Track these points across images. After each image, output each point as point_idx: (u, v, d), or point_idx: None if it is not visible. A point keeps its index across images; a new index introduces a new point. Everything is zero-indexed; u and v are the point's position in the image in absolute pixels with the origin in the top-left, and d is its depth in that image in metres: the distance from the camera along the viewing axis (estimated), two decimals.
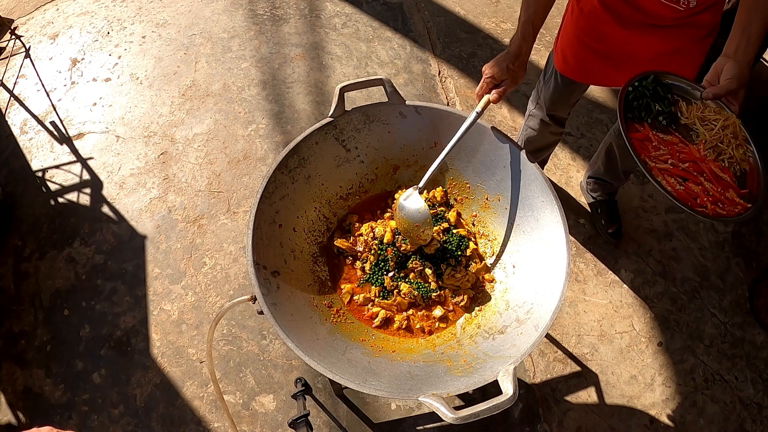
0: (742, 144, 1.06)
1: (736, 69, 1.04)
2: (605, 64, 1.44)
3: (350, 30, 2.69)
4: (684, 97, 1.12)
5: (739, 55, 1.04)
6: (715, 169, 1.03)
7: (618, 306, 1.93)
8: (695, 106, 1.10)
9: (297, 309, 1.16)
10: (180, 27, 2.68)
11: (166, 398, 1.72)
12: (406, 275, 1.31)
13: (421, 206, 1.21)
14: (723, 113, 1.08)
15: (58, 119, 2.36)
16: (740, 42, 1.05)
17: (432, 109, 1.31)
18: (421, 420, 1.67)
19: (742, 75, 1.05)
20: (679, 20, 1.26)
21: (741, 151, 1.05)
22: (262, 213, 1.17)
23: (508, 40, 2.68)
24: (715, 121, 1.08)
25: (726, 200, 1.00)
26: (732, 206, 0.99)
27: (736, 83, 1.05)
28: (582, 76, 1.52)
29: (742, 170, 1.05)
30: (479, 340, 1.17)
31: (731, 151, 1.05)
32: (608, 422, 1.71)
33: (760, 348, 1.88)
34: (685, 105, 1.11)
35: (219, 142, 2.28)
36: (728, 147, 1.05)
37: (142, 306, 1.89)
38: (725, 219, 0.98)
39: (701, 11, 1.24)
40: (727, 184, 1.02)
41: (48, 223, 2.07)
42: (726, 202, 0.99)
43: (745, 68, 1.05)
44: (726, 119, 1.07)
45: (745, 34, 1.04)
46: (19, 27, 2.72)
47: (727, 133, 1.06)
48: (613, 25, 1.34)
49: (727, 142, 1.06)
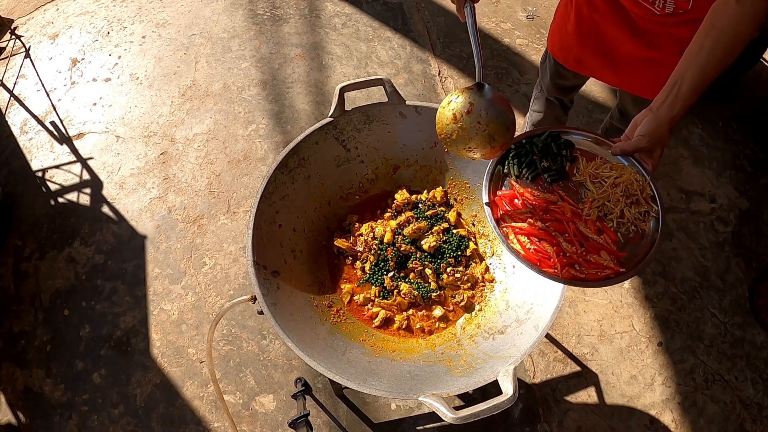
0: (643, 203, 1.00)
1: (652, 125, 0.96)
2: (593, 55, 1.45)
3: (350, 30, 2.69)
4: (591, 152, 1.06)
5: (662, 110, 0.96)
6: (586, 230, 0.98)
7: (618, 306, 1.93)
8: (594, 162, 1.05)
9: (297, 309, 1.16)
10: (180, 27, 2.68)
11: (166, 398, 1.72)
12: (406, 275, 1.31)
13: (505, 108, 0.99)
14: (620, 170, 1.02)
15: (58, 119, 2.36)
16: (668, 95, 0.96)
17: (432, 109, 1.31)
18: (421, 420, 1.67)
19: (657, 133, 0.96)
20: (656, 24, 1.25)
21: (634, 211, 0.99)
22: (262, 213, 1.17)
23: (509, 40, 2.68)
24: (607, 178, 1.02)
25: (587, 263, 0.94)
26: (597, 269, 0.93)
27: (646, 141, 0.97)
28: (572, 64, 1.53)
29: (641, 230, 0.99)
30: (479, 340, 1.17)
31: (619, 211, 0.99)
32: (608, 422, 1.71)
33: (760, 348, 1.88)
34: (584, 161, 1.06)
35: (219, 142, 2.28)
36: (616, 206, 1.00)
37: (142, 306, 1.89)
38: (575, 282, 0.92)
39: (678, 24, 1.22)
40: (599, 246, 0.96)
41: (48, 223, 2.07)
42: (587, 265, 0.94)
43: (663, 125, 0.96)
44: (618, 177, 1.01)
45: (675, 87, 0.95)
46: (19, 27, 2.72)
47: (617, 191, 1.00)
48: (599, 19, 1.36)
49: (615, 200, 1.00)
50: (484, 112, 0.95)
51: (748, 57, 2.30)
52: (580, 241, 0.97)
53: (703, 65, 0.94)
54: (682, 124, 2.37)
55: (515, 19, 2.77)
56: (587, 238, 0.97)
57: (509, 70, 2.56)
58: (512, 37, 2.69)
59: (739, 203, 2.19)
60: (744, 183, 2.24)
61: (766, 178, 2.26)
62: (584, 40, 1.42)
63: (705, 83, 0.95)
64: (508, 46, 2.65)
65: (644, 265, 0.94)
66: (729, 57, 0.94)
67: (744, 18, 0.91)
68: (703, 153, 2.31)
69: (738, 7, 0.92)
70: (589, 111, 2.42)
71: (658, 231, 0.97)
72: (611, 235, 0.99)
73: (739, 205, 2.18)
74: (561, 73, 1.62)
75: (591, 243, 0.97)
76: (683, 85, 0.95)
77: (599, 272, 0.93)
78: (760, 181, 2.25)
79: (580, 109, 2.42)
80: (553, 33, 1.54)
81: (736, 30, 0.92)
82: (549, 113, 1.78)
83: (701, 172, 2.25)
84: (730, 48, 0.93)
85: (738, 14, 0.92)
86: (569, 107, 1.81)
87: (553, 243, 0.96)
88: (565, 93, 1.73)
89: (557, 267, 0.93)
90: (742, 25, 0.92)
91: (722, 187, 2.22)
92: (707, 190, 2.21)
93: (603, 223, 1.00)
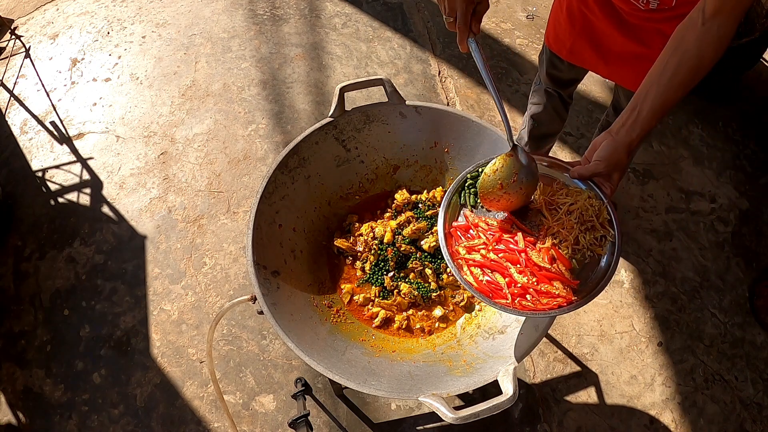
0: (598, 228, 1.00)
1: (609, 149, 0.95)
2: (585, 47, 1.46)
3: (350, 30, 2.69)
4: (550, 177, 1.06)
5: (621, 134, 0.94)
6: (539, 259, 0.99)
7: (618, 306, 1.93)
8: (551, 188, 1.05)
9: (297, 309, 1.16)
10: (180, 27, 2.68)
11: (166, 398, 1.72)
12: (406, 275, 1.31)
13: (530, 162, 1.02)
14: (575, 196, 1.02)
15: (58, 119, 2.36)
16: (627, 118, 0.94)
17: (432, 109, 1.31)
18: (421, 420, 1.67)
19: (614, 157, 0.95)
20: (643, 20, 1.26)
21: (590, 237, 0.99)
22: (262, 213, 1.17)
23: (509, 40, 2.68)
24: (562, 205, 1.02)
25: (540, 292, 0.94)
26: (550, 299, 0.94)
27: (603, 166, 0.95)
28: (566, 55, 1.54)
29: (598, 256, 0.99)
30: (479, 340, 1.17)
31: (573, 238, 0.99)
32: (608, 422, 1.71)
33: (760, 348, 1.88)
34: (541, 187, 1.05)
35: (219, 142, 2.28)
36: (570, 233, 1.00)
37: (142, 306, 1.89)
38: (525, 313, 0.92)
39: (665, 20, 1.22)
40: (551, 275, 0.96)
41: (48, 223, 2.07)
42: (539, 294, 0.94)
43: (620, 150, 0.94)
44: (572, 204, 1.01)
45: (636, 110, 0.93)
46: (19, 27, 2.72)
47: (571, 218, 1.00)
48: (588, 14, 1.37)
49: (569, 228, 1.00)
50: (525, 178, 1.00)
51: (748, 57, 2.30)
52: (532, 271, 0.98)
53: (665, 88, 0.92)
54: (681, 124, 2.37)
55: (515, 19, 2.77)
56: (540, 268, 0.98)
57: (509, 70, 2.56)
58: (512, 37, 2.69)
59: (739, 203, 2.19)
60: (744, 183, 2.24)
61: (766, 178, 2.26)
62: (576, 32, 1.44)
63: (666, 106, 0.93)
64: (508, 46, 2.65)
65: (598, 291, 0.95)
66: (692, 80, 0.92)
67: (709, 41, 0.90)
68: (703, 153, 2.31)
69: (704, 30, 0.90)
70: (589, 111, 2.42)
71: (614, 255, 0.97)
72: (565, 262, 0.99)
73: (739, 205, 2.18)
74: (556, 64, 1.63)
75: (543, 273, 0.98)
76: (643, 109, 0.93)
77: (551, 301, 0.94)
78: (760, 181, 2.25)
79: (580, 109, 2.42)
80: (549, 24, 1.56)
81: (701, 53, 0.90)
82: (548, 106, 1.78)
83: (701, 172, 2.25)
84: (693, 71, 0.91)
85: (704, 37, 0.90)
86: (569, 103, 1.81)
87: (505, 274, 0.97)
88: (561, 86, 1.73)
89: (508, 298, 0.94)
90: (706, 48, 0.90)
91: (722, 187, 2.22)
92: (707, 190, 2.21)
93: (558, 251, 1.00)
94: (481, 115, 2.40)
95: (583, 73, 1.66)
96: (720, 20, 0.89)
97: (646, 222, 2.12)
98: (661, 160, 2.28)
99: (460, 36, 0.95)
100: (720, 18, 0.89)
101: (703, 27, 0.90)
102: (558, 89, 1.74)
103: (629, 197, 2.18)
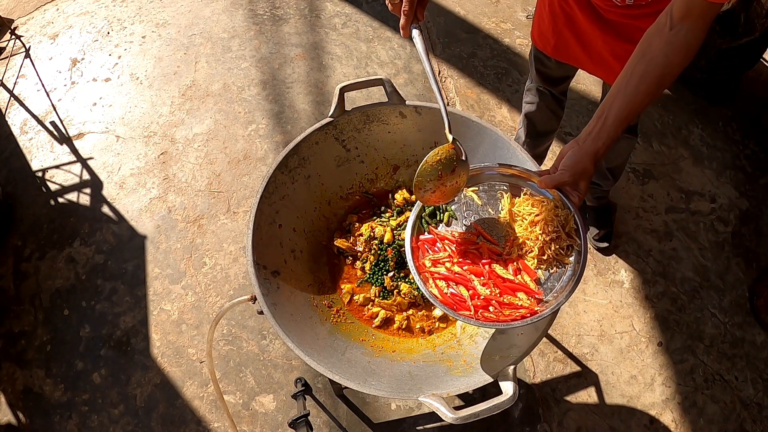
0: (564, 238, 1.00)
1: (575, 159, 0.95)
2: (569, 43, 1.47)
3: (350, 30, 2.69)
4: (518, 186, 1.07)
5: (587, 143, 0.94)
6: (503, 271, 1.00)
7: (618, 306, 1.93)
8: (519, 199, 1.05)
9: (297, 309, 1.16)
10: (180, 27, 2.68)
11: (166, 398, 1.72)
12: (406, 275, 1.31)
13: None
14: (541, 207, 1.02)
15: (58, 119, 2.36)
16: (594, 127, 0.94)
17: (432, 109, 1.31)
18: (421, 420, 1.67)
19: (579, 166, 0.94)
20: (621, 16, 1.26)
21: (555, 247, 1.00)
22: (262, 213, 1.17)
23: (509, 40, 2.68)
24: (528, 216, 1.03)
25: (503, 304, 0.96)
26: (513, 310, 0.95)
27: (569, 176, 0.95)
28: (551, 51, 1.54)
29: (564, 264, 1.00)
30: (479, 340, 1.17)
31: (537, 249, 1.00)
32: (608, 422, 1.71)
33: (760, 348, 1.88)
34: (508, 198, 1.07)
35: (219, 142, 2.28)
36: (535, 243, 1.01)
37: (142, 306, 1.89)
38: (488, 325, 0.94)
39: (642, 16, 1.22)
40: (515, 287, 0.98)
41: (48, 223, 2.07)
42: (502, 306, 0.96)
43: (585, 159, 0.93)
44: (537, 214, 1.02)
45: (602, 118, 0.93)
46: (19, 27, 2.72)
47: (536, 229, 1.01)
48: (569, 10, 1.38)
49: (534, 238, 1.01)
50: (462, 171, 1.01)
51: (748, 57, 2.30)
52: (495, 283, 0.99)
53: (630, 97, 0.91)
54: (681, 124, 2.37)
55: (515, 19, 2.77)
56: (504, 280, 0.99)
57: (509, 70, 2.56)
58: (512, 37, 2.69)
59: (739, 203, 2.19)
60: (744, 183, 2.24)
61: (766, 178, 2.26)
62: (559, 29, 1.45)
63: (632, 114, 0.92)
64: (508, 46, 2.65)
65: (564, 300, 0.95)
66: (657, 88, 0.92)
67: (678, 46, 0.89)
68: (703, 153, 2.31)
69: (671, 36, 0.89)
70: (589, 111, 2.42)
71: (581, 264, 0.98)
72: (531, 273, 1.00)
73: (739, 205, 2.18)
74: (543, 61, 1.63)
75: (507, 284, 0.99)
76: (609, 117, 0.93)
77: (513, 313, 0.95)
78: (760, 181, 2.25)
79: (580, 108, 2.42)
80: (534, 22, 1.57)
81: (668, 60, 0.90)
82: (541, 104, 1.78)
83: (701, 172, 2.25)
84: (660, 78, 0.91)
85: (671, 43, 0.89)
86: (563, 100, 1.81)
87: (468, 287, 0.99)
88: (552, 84, 1.73)
89: (471, 310, 0.95)
90: (674, 53, 0.89)
91: (722, 187, 2.22)
92: (707, 190, 2.21)
93: (523, 262, 1.01)
94: (481, 115, 2.40)
95: (573, 70, 1.66)
96: (688, 25, 0.88)
97: (646, 222, 2.12)
98: (661, 160, 2.28)
99: (404, 21, 0.96)
100: (688, 22, 0.88)
101: (671, 32, 0.89)
102: (549, 87, 1.74)
103: (629, 197, 2.18)
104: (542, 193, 1.05)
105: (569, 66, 1.60)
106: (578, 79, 2.50)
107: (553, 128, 1.90)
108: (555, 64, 1.61)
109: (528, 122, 1.87)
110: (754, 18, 2.15)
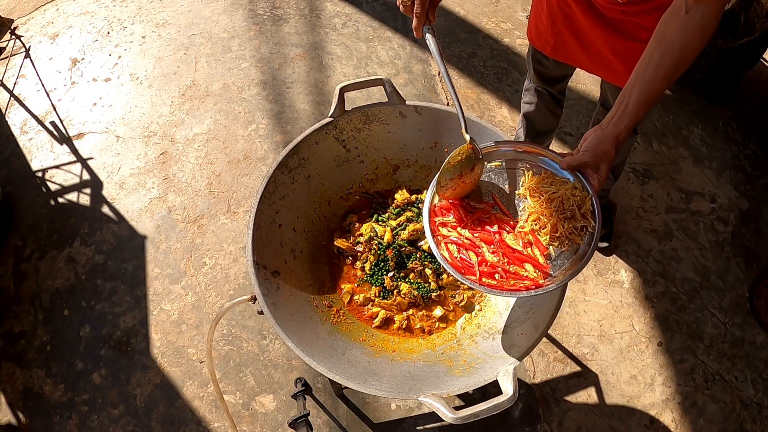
0: (579, 218, 1.02)
1: (596, 140, 0.98)
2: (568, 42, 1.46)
3: (350, 30, 2.69)
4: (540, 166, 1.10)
5: (610, 127, 0.97)
6: (512, 242, 1.03)
7: (618, 306, 1.93)
8: (539, 177, 1.08)
9: (297, 309, 1.16)
10: (180, 27, 2.68)
11: (166, 398, 1.72)
12: (406, 275, 1.31)
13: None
14: (559, 185, 1.05)
15: (58, 119, 2.36)
16: (616, 111, 0.97)
17: (432, 109, 1.31)
18: (421, 420, 1.67)
19: (600, 148, 0.97)
20: (621, 13, 1.26)
21: (569, 226, 1.01)
22: (262, 213, 1.17)
23: (509, 40, 2.68)
24: (546, 192, 1.06)
25: (509, 274, 0.99)
26: (518, 280, 0.98)
27: (590, 156, 0.99)
28: (549, 51, 1.54)
29: (576, 245, 1.02)
30: (479, 340, 1.17)
31: (551, 225, 1.02)
32: (608, 422, 1.71)
33: (760, 348, 1.88)
34: (528, 175, 1.09)
35: (219, 142, 2.28)
36: (549, 220, 1.03)
37: (142, 306, 1.89)
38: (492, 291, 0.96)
39: (642, 12, 1.22)
40: (523, 258, 1.00)
41: (48, 223, 2.07)
42: (508, 275, 0.98)
43: (607, 142, 0.97)
44: (555, 192, 1.04)
45: (623, 103, 0.96)
46: (19, 27, 2.72)
47: (552, 206, 1.03)
48: (567, 8, 1.37)
49: (549, 214, 1.03)
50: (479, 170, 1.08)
51: (748, 57, 2.30)
52: (504, 253, 1.02)
53: (650, 79, 0.93)
54: (681, 124, 2.37)
55: (515, 19, 2.77)
56: (513, 250, 1.02)
57: (509, 70, 2.56)
58: (512, 37, 2.69)
59: (739, 203, 2.19)
60: (744, 183, 2.24)
61: (766, 178, 2.26)
62: (557, 28, 1.44)
63: (652, 98, 0.94)
64: (508, 46, 2.65)
65: (569, 278, 0.96)
66: (677, 71, 0.93)
67: (693, 30, 0.90)
68: (703, 153, 2.31)
69: (687, 19, 0.91)
70: (588, 111, 2.42)
71: (591, 246, 0.99)
72: (541, 248, 1.02)
73: (739, 205, 2.18)
74: (541, 61, 1.63)
75: (516, 255, 1.01)
76: (630, 102, 0.95)
77: (518, 283, 0.97)
78: (760, 181, 2.25)
79: (580, 108, 2.42)
80: (531, 21, 1.56)
81: (684, 43, 0.91)
82: (540, 104, 1.78)
83: (701, 172, 2.25)
84: (677, 61, 0.92)
85: (687, 26, 0.91)
86: (561, 100, 1.80)
87: (477, 253, 1.02)
88: (550, 83, 1.73)
89: (476, 275, 0.98)
90: (690, 37, 0.91)
91: (722, 187, 2.22)
92: (707, 190, 2.21)
93: (535, 235, 1.03)
94: (481, 115, 2.40)
95: (571, 69, 1.66)
96: (703, 8, 0.90)
97: (646, 222, 2.12)
98: (661, 160, 2.28)
99: (417, 23, 0.99)
100: (703, 6, 0.90)
101: (687, 15, 0.91)
102: (547, 87, 1.74)
103: (629, 197, 2.18)
104: (563, 174, 1.07)
105: (567, 65, 1.60)
106: (577, 79, 2.50)
107: (552, 128, 1.90)
108: (553, 64, 1.61)
109: (527, 122, 1.87)
110: (754, 18, 2.15)
